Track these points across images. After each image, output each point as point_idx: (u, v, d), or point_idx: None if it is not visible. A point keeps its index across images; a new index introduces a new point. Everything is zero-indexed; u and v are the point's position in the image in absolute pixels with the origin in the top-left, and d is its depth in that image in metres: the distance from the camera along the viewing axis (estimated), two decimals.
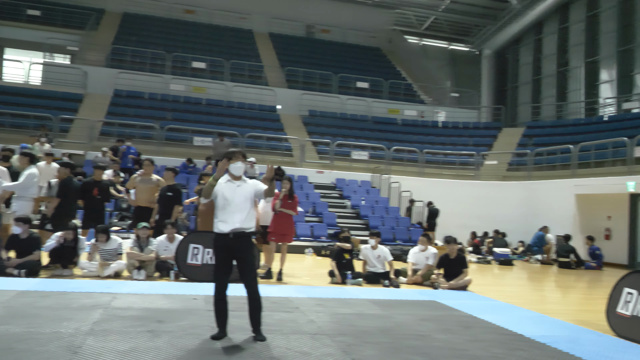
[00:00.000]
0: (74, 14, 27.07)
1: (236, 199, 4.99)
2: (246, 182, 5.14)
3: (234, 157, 5.09)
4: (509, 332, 5.75)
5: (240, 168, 5.09)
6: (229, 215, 4.94)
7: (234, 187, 5.04)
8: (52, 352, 4.12)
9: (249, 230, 5.03)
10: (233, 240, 4.91)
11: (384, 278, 9.09)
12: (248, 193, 5.06)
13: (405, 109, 25.68)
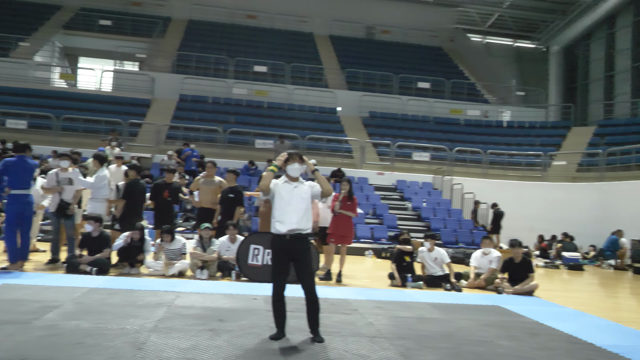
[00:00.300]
0: (143, 23, 28.19)
1: (293, 200, 5.01)
2: (303, 183, 5.16)
3: (291, 158, 5.12)
4: (579, 340, 5.46)
5: (298, 169, 5.11)
6: (286, 216, 4.98)
7: (291, 188, 5.07)
8: (118, 348, 4.26)
9: (306, 231, 5.04)
10: (290, 241, 4.93)
11: (445, 281, 8.87)
12: (305, 194, 5.08)
13: (468, 108, 25.08)
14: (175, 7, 30.82)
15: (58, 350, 4.08)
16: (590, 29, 29.84)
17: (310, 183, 5.23)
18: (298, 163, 5.12)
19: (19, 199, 7.82)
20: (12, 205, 7.81)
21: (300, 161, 5.15)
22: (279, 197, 5.04)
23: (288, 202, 5.00)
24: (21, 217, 7.82)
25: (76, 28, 27.64)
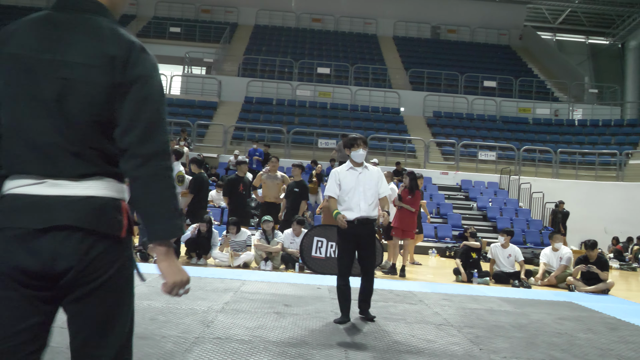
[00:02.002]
0: (210, 29, 29.07)
1: (360, 187, 4.98)
2: (368, 169, 5.12)
3: (356, 144, 5.10)
4: None
5: (362, 155, 5.08)
6: (354, 203, 4.95)
7: (356, 175, 5.05)
8: (187, 325, 4.38)
9: (373, 217, 5.01)
10: (358, 226, 4.91)
11: (514, 278, 8.58)
12: (371, 181, 5.04)
13: (538, 107, 24.22)
14: (243, 13, 31.59)
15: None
16: None
17: (378, 170, 5.19)
18: (362, 149, 5.09)
19: None
20: None
21: (365, 146, 5.11)
22: (345, 185, 5.02)
23: (355, 189, 4.98)
24: None
25: (149, 36, 28.82)
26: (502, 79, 25.62)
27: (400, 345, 4.17)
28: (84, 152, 1.53)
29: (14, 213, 1.51)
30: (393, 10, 31.19)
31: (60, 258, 1.50)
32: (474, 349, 4.19)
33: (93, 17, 1.62)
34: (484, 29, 31.19)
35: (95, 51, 1.55)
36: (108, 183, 1.58)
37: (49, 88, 1.52)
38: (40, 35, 1.57)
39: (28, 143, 1.52)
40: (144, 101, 1.57)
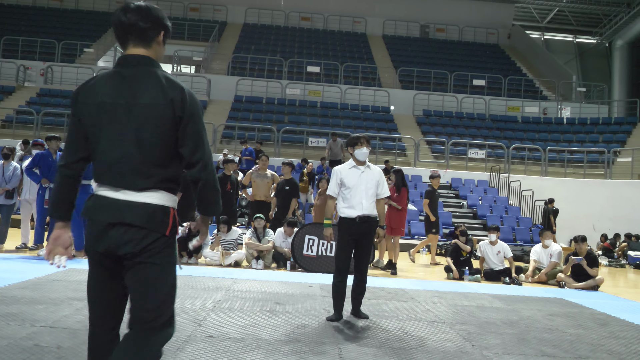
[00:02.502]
0: (199, 28, 28.94)
1: (361, 185, 4.98)
2: (370, 168, 5.11)
3: (359, 142, 5.09)
4: None
5: (365, 154, 5.07)
6: (356, 201, 4.95)
7: (359, 173, 5.04)
8: (179, 323, 4.35)
9: (374, 215, 5.01)
10: (359, 224, 4.91)
11: (504, 275, 8.62)
12: (373, 180, 5.03)
13: (526, 106, 24.38)
14: (231, 12, 31.50)
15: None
16: None
17: (379, 170, 5.18)
18: (366, 147, 5.08)
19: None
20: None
21: (368, 145, 5.10)
22: (347, 182, 5.01)
23: (357, 187, 4.97)
24: None
25: None
26: (491, 78, 25.76)
27: (392, 342, 4.17)
28: (146, 171, 2.18)
29: (98, 209, 2.19)
30: (382, 9, 31.28)
31: (123, 244, 2.15)
32: (466, 345, 4.20)
33: (149, 68, 2.24)
34: (473, 28, 31.36)
35: (158, 94, 2.18)
36: (161, 194, 2.22)
37: (127, 124, 2.16)
38: (115, 86, 2.20)
39: (108, 166, 2.19)
40: (196, 130, 2.24)
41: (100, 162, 2.21)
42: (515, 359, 3.90)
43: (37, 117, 18.70)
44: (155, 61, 2.30)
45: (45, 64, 23.84)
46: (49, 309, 4.52)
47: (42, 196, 8.28)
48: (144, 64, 2.25)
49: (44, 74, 23.67)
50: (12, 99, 21.52)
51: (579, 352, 4.15)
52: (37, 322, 4.07)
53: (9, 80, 22.93)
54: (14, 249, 8.50)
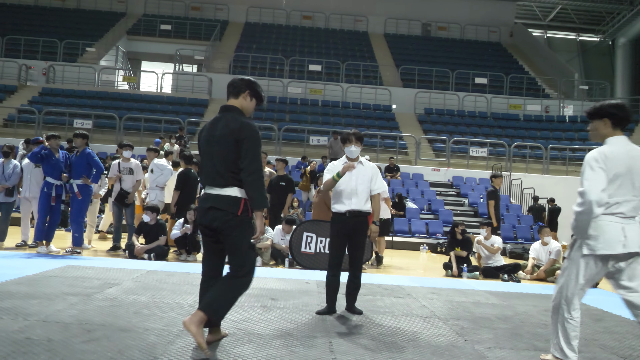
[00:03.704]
0: (201, 27, 28.98)
1: (352, 182, 4.99)
2: (363, 164, 5.12)
3: (348, 140, 5.09)
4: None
5: (354, 152, 5.06)
6: (346, 197, 4.96)
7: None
8: (172, 318, 4.37)
9: (366, 211, 5.01)
10: (349, 218, 4.92)
11: (503, 272, 8.61)
12: (365, 176, 5.03)
13: (528, 104, 24.33)
14: (233, 11, 31.53)
15: (116, 318, 4.22)
16: None
17: (373, 166, 5.18)
18: (355, 145, 5.08)
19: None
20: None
21: (358, 142, 5.10)
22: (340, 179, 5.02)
23: (348, 183, 4.98)
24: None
25: (139, 33, 28.75)
26: (493, 76, 25.72)
27: (385, 336, 4.17)
28: (224, 175, 3.52)
29: (203, 200, 3.61)
30: (383, 8, 31.26)
31: (215, 221, 3.51)
32: (459, 339, 4.20)
33: (232, 113, 3.63)
34: (475, 26, 31.31)
35: (226, 127, 3.54)
36: (234, 189, 3.52)
37: (213, 147, 3.58)
38: (211, 124, 3.67)
39: (205, 175, 3.64)
40: (248, 148, 3.49)
41: (203, 173, 3.68)
42: (506, 353, 3.90)
43: (39, 116, 18.76)
44: (239, 109, 3.67)
45: (47, 63, 23.91)
46: (43, 304, 4.53)
47: (47, 193, 8.28)
48: (231, 110, 3.66)
49: (46, 74, 23.74)
50: (14, 98, 21.60)
51: None
52: (30, 316, 4.09)
53: (11, 80, 23.02)
54: (13, 247, 8.54)
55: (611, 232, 3.37)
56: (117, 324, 4.02)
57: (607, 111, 3.49)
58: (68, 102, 21.27)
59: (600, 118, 3.52)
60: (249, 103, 3.72)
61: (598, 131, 3.53)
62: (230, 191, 3.49)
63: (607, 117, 3.49)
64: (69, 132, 17.91)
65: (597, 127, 3.54)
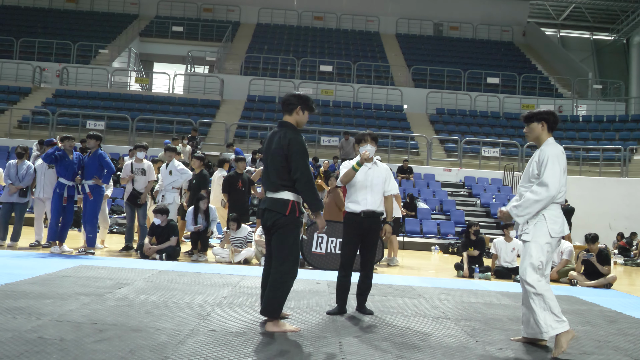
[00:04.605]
0: (213, 28, 29.11)
1: (367, 182, 4.99)
2: (377, 165, 5.12)
3: (364, 140, 5.10)
4: None
5: (370, 150, 5.06)
6: (361, 197, 4.98)
7: (365, 170, 5.05)
8: (183, 318, 4.38)
9: (380, 212, 5.01)
10: (364, 219, 4.92)
11: (515, 273, 8.54)
12: (379, 177, 5.04)
13: (541, 103, 24.11)
14: (244, 12, 31.63)
15: (128, 318, 4.24)
16: None
17: (387, 168, 5.19)
18: (370, 145, 5.08)
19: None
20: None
21: (373, 142, 5.10)
22: (353, 178, 5.02)
23: (363, 184, 4.99)
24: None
25: (151, 35, 28.95)
26: (506, 76, 25.54)
27: (395, 337, 4.15)
28: (275, 181, 4.15)
29: (261, 202, 4.35)
30: (395, 8, 31.19)
31: (268, 220, 4.18)
32: (470, 340, 4.17)
33: (284, 129, 4.21)
34: (487, 26, 31.13)
35: (279, 142, 4.15)
36: (284, 193, 4.13)
37: (268, 159, 4.26)
38: (269, 137, 4.32)
39: (263, 180, 4.35)
40: (297, 161, 4.08)
41: (262, 179, 4.39)
42: (518, 354, 3.86)
43: (52, 117, 18.95)
44: (292, 125, 4.24)
45: (60, 65, 24.14)
46: (56, 304, 4.57)
47: (59, 194, 8.37)
48: (285, 126, 4.25)
49: (59, 75, 23.97)
50: (28, 100, 21.83)
51: (584, 349, 4.10)
52: (43, 315, 4.13)
53: (26, 82, 23.27)
54: (27, 247, 8.63)
55: (562, 218, 4.03)
56: (128, 324, 4.04)
57: (543, 116, 4.14)
58: (81, 104, 21.46)
59: (538, 121, 4.15)
60: (302, 116, 4.28)
61: (534, 132, 4.17)
62: (281, 195, 4.12)
63: (543, 121, 4.13)
64: (82, 134, 18.08)
65: (533, 128, 4.17)
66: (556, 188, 3.90)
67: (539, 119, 4.13)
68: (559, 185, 3.91)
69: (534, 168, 4.06)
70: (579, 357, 3.87)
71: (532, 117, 4.17)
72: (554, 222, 3.97)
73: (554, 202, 3.97)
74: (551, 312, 3.85)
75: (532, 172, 4.07)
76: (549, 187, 3.88)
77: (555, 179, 3.90)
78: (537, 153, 4.10)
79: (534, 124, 4.15)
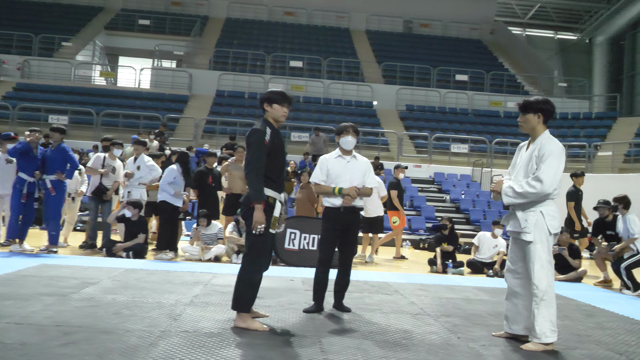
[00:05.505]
0: (181, 22, 28.55)
1: (347, 175, 4.83)
2: (357, 158, 4.97)
3: (345, 131, 4.93)
4: (639, 322, 5.11)
5: (351, 142, 4.91)
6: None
7: (344, 163, 4.90)
8: (154, 318, 4.17)
9: (359, 206, 4.88)
10: (343, 214, 4.77)
11: (489, 268, 8.57)
12: (359, 171, 4.89)
13: (509, 100, 24.40)
14: (214, 6, 31.12)
15: (95, 319, 4.01)
16: (637, 18, 28.74)
17: (366, 161, 5.04)
18: (352, 136, 4.93)
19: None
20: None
21: (354, 134, 4.95)
22: (333, 172, 4.86)
23: (342, 177, 4.82)
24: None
25: (117, 28, 28.20)
26: (474, 73, 25.78)
27: (376, 335, 4.03)
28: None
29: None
30: (365, 5, 31.14)
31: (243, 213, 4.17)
32: (452, 337, 4.08)
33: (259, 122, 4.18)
34: (456, 24, 31.37)
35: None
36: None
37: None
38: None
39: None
40: (249, 151, 4.05)
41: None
42: (502, 350, 3.79)
43: (13, 112, 18.26)
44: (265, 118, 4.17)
45: (22, 58, 23.30)
46: (17, 305, 4.30)
47: (19, 190, 7.99)
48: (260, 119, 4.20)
49: (20, 68, 23.12)
50: None
51: (567, 343, 4.06)
52: (2, 318, 3.86)
53: None
54: None
55: (558, 213, 3.95)
56: (96, 326, 3.81)
57: (540, 107, 3.89)
58: (43, 98, 20.75)
59: (534, 112, 3.90)
60: (272, 110, 4.14)
61: (530, 123, 3.94)
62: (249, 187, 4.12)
63: (540, 112, 3.89)
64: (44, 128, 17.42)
65: (529, 119, 3.93)
66: (552, 185, 3.77)
67: (536, 109, 3.91)
68: (555, 183, 3.78)
69: (533, 164, 3.87)
70: (564, 351, 3.82)
71: (528, 107, 3.94)
72: (553, 218, 3.88)
73: (550, 198, 3.86)
74: (550, 320, 3.77)
75: (532, 167, 3.88)
76: (544, 184, 3.75)
77: (552, 176, 3.76)
78: (535, 147, 3.90)
79: (530, 114, 3.94)
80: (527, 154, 3.97)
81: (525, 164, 3.96)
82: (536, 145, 3.91)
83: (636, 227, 7.33)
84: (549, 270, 3.82)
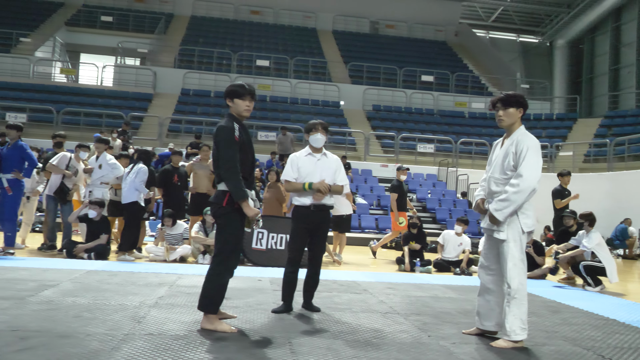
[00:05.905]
0: (145, 19, 28.03)
1: (317, 173, 4.75)
2: (327, 156, 4.89)
3: (314, 128, 4.85)
4: (602, 317, 5.20)
5: (321, 140, 4.82)
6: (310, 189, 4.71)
7: (314, 161, 4.81)
8: (117, 321, 4.02)
9: (329, 205, 4.80)
10: (314, 212, 4.69)
11: (456, 266, 8.63)
12: (329, 168, 4.81)
13: (473, 101, 24.83)
14: (179, 4, 30.69)
15: (54, 323, 3.84)
16: (596, 22, 29.59)
17: (337, 159, 4.97)
18: (321, 133, 4.84)
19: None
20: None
21: (324, 132, 4.86)
22: (303, 170, 4.77)
23: (312, 175, 4.73)
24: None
25: (78, 24, 27.50)
26: (439, 74, 26.10)
27: (346, 334, 3.97)
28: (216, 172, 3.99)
29: None
30: (332, 5, 31.21)
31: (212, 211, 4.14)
32: (423, 335, 4.06)
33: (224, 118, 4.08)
34: (421, 25, 31.72)
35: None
36: (222, 184, 3.92)
37: None
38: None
39: None
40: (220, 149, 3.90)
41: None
42: (473, 348, 3.78)
43: None
44: (231, 114, 4.06)
45: None
46: None
47: None
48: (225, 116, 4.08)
49: None
50: None
51: (535, 340, 4.08)
52: None
53: None
54: None
55: (533, 212, 3.91)
56: (55, 330, 3.64)
57: (522, 101, 3.86)
58: (1, 95, 20.04)
59: (517, 107, 3.86)
60: (234, 105, 4.03)
61: (512, 117, 3.86)
62: (220, 186, 3.95)
63: (522, 107, 3.86)
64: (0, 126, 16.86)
65: (512, 114, 3.86)
66: (535, 178, 3.71)
67: (519, 104, 3.85)
68: (537, 176, 3.73)
69: (510, 160, 3.81)
70: (533, 348, 3.84)
71: (511, 101, 3.85)
72: (526, 217, 3.84)
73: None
74: (520, 319, 3.77)
75: (509, 164, 3.82)
76: (525, 178, 3.69)
77: (532, 170, 3.71)
78: (511, 143, 3.84)
79: (512, 109, 3.86)
80: (503, 150, 3.92)
81: (501, 160, 3.91)
82: (512, 141, 3.86)
83: (590, 243, 7.58)
84: (522, 268, 3.82)
